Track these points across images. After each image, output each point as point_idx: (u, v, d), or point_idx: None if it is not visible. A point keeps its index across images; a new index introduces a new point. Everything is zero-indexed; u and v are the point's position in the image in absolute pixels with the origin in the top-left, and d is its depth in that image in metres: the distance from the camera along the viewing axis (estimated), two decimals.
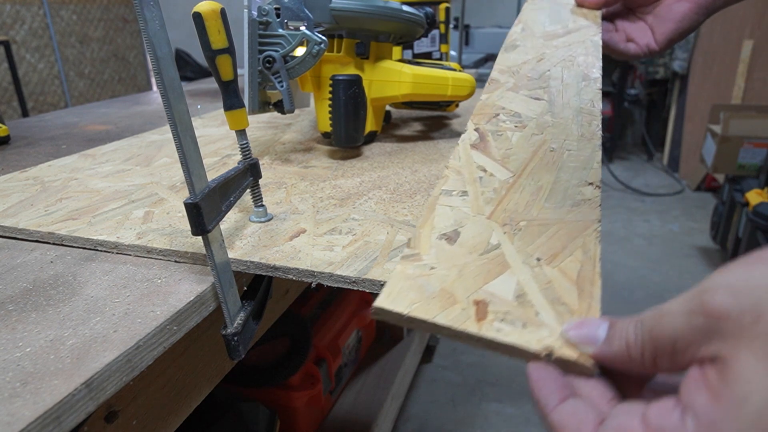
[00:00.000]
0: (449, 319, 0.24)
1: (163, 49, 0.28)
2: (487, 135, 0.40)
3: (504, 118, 0.42)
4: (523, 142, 0.39)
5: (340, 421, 1.05)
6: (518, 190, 0.34)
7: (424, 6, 0.76)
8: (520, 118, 0.42)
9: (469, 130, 0.41)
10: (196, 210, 0.30)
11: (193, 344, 0.37)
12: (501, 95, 0.45)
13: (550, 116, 0.42)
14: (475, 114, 0.43)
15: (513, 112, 0.43)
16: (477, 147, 0.39)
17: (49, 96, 3.90)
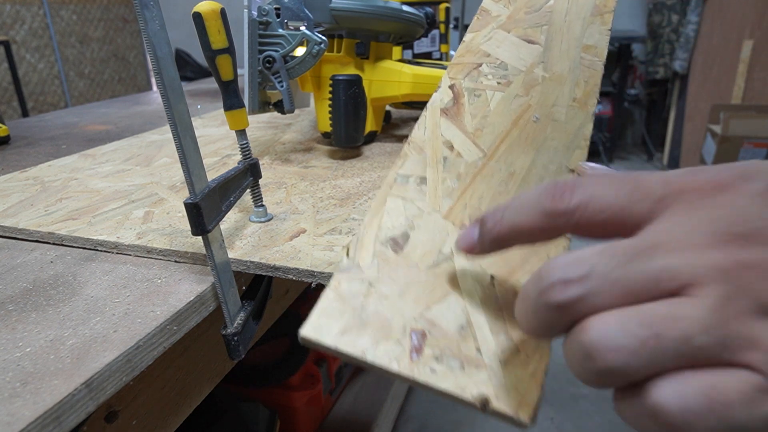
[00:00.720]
0: (380, 355, 0.21)
1: (163, 49, 0.28)
2: (462, 96, 0.34)
3: (487, 71, 0.36)
4: (503, 107, 0.34)
5: (340, 421, 1.05)
6: (486, 178, 0.30)
7: (424, 6, 0.76)
8: (506, 70, 0.36)
9: (443, 87, 0.35)
10: (196, 210, 0.30)
11: (193, 344, 0.37)
12: (488, 35, 0.38)
13: (542, 69, 0.36)
14: (455, 63, 0.37)
15: (499, 62, 0.36)
16: (448, 113, 0.33)
17: (49, 96, 3.90)
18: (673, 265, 0.18)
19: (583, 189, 0.21)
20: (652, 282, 0.18)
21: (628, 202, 0.20)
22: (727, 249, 0.18)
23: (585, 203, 0.21)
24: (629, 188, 0.21)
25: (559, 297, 0.19)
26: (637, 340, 0.17)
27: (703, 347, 0.17)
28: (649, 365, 0.17)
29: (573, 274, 0.19)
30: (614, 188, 0.21)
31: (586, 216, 0.21)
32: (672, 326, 0.17)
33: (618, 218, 0.20)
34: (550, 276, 0.19)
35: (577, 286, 0.19)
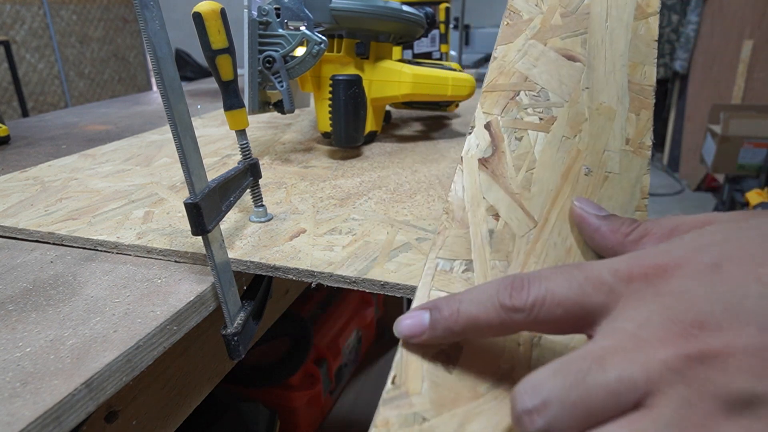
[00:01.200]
0: None
1: (163, 49, 0.28)
2: (501, 139, 0.29)
3: (526, 102, 0.30)
4: (550, 154, 0.28)
5: (340, 421, 1.05)
6: (540, 257, 0.25)
7: (424, 6, 0.76)
8: (548, 100, 0.30)
9: (478, 127, 0.30)
10: (196, 210, 0.30)
11: (193, 344, 0.37)
12: (523, 49, 0.33)
13: (587, 97, 0.31)
14: (488, 90, 0.31)
15: (539, 89, 0.31)
16: (488, 165, 0.28)
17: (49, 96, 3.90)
18: (629, 374, 0.18)
19: (537, 283, 0.21)
20: (611, 398, 0.18)
21: (581, 296, 0.20)
22: (678, 343, 0.18)
23: (542, 298, 0.21)
24: (580, 281, 0.21)
25: (529, 429, 0.19)
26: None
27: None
28: None
29: (531, 404, 0.19)
30: (567, 282, 0.21)
31: (543, 312, 0.21)
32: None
33: (574, 313, 0.21)
34: (515, 406, 0.19)
35: (539, 417, 0.18)
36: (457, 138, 0.68)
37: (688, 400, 0.17)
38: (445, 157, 0.58)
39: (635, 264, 0.21)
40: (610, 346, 0.19)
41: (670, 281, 0.19)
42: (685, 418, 0.17)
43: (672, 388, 0.17)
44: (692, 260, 0.20)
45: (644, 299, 0.19)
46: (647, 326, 0.19)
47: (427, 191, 0.47)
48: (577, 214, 0.28)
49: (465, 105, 0.89)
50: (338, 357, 1.05)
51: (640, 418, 0.17)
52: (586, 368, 0.18)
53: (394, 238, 0.38)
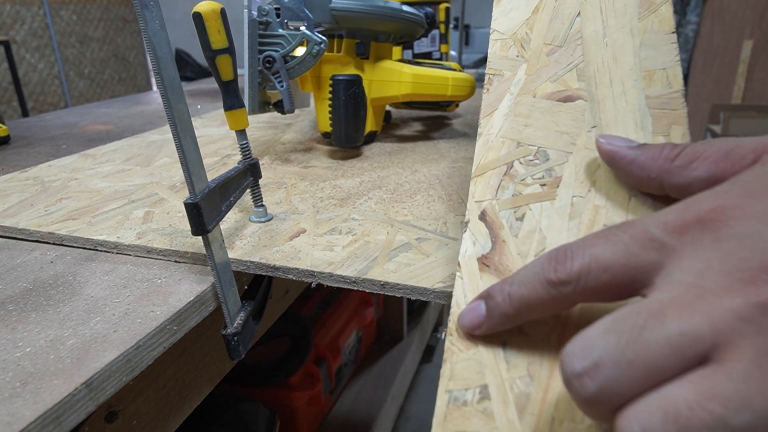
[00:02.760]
0: None
1: (163, 49, 0.28)
2: (500, 227, 0.25)
3: (522, 172, 0.26)
4: (560, 226, 0.24)
5: (340, 421, 1.05)
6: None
7: (424, 6, 0.76)
8: (548, 160, 0.26)
9: (472, 222, 0.26)
10: (196, 210, 0.30)
11: (193, 344, 0.37)
12: (510, 112, 0.29)
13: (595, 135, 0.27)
14: (477, 174, 0.27)
15: (535, 150, 0.27)
16: (489, 264, 0.24)
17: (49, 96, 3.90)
18: (692, 326, 0.16)
19: (581, 251, 0.20)
20: (672, 353, 0.16)
21: (628, 257, 0.19)
22: (747, 291, 0.16)
23: (587, 266, 0.19)
24: (626, 240, 0.19)
25: (580, 395, 0.17)
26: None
27: (747, 427, 0.14)
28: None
29: (581, 366, 0.17)
30: (611, 245, 0.19)
31: (590, 280, 0.19)
32: (700, 412, 0.14)
33: (623, 276, 0.19)
34: (564, 369, 0.17)
35: (590, 380, 0.17)
36: (457, 138, 0.68)
37: (764, 350, 0.15)
38: (445, 157, 0.58)
39: (687, 211, 0.18)
40: (668, 299, 0.17)
41: (731, 224, 0.17)
42: (760, 371, 0.14)
43: (745, 339, 0.15)
44: (755, 199, 0.17)
45: (702, 247, 0.17)
46: (708, 275, 0.16)
47: (427, 191, 0.47)
48: (606, 151, 0.25)
49: (465, 105, 0.89)
50: (338, 357, 1.05)
51: (711, 374, 0.15)
52: (642, 323, 0.16)
53: (394, 238, 0.38)
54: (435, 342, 1.56)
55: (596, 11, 0.30)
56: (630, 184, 0.25)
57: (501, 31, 0.32)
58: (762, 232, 0.16)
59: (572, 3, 0.32)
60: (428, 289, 0.31)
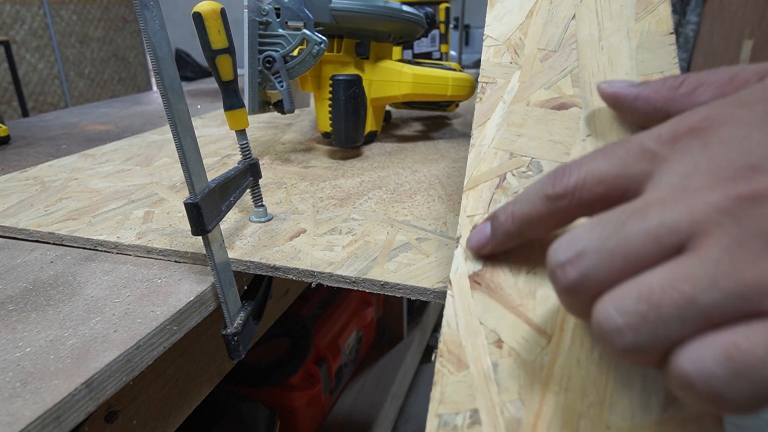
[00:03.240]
0: None
1: (163, 49, 0.28)
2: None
3: (515, 185, 0.26)
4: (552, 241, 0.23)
5: (340, 421, 1.05)
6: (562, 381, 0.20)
7: (424, 6, 0.77)
8: (541, 171, 0.26)
9: (464, 237, 0.25)
10: (196, 210, 0.30)
11: (193, 344, 0.37)
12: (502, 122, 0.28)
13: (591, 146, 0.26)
14: (469, 187, 0.27)
15: (528, 161, 0.26)
16: (480, 281, 0.23)
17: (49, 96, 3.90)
18: (671, 219, 0.16)
19: (578, 166, 0.21)
20: (650, 242, 0.16)
21: (622, 168, 0.19)
22: (728, 186, 0.16)
23: (582, 179, 0.20)
24: (621, 153, 0.20)
25: (561, 283, 0.18)
26: (636, 317, 0.16)
27: (712, 305, 0.15)
28: (659, 339, 0.16)
29: (566, 256, 0.18)
30: (606, 158, 0.20)
31: (585, 193, 0.20)
32: (671, 292, 0.16)
33: (617, 186, 0.19)
34: (549, 262, 0.18)
35: (572, 268, 0.18)
36: (457, 138, 0.68)
37: (737, 238, 0.15)
38: (445, 157, 0.58)
39: (680, 122, 0.19)
40: (654, 198, 0.17)
41: (720, 130, 0.18)
42: (736, 257, 0.15)
43: (720, 228, 0.16)
44: (748, 108, 0.18)
45: (691, 152, 0.18)
46: (694, 175, 0.17)
47: (427, 191, 0.47)
48: (610, 94, 0.25)
49: (465, 105, 0.89)
50: (338, 357, 1.05)
51: (684, 260, 0.16)
52: (626, 218, 0.17)
53: (394, 238, 0.38)
54: (435, 342, 1.56)
55: (591, 13, 0.30)
56: (636, 122, 0.25)
57: (494, 36, 0.32)
58: (749, 135, 0.17)
59: (567, 5, 0.31)
60: (428, 289, 0.31)
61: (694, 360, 0.15)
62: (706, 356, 0.15)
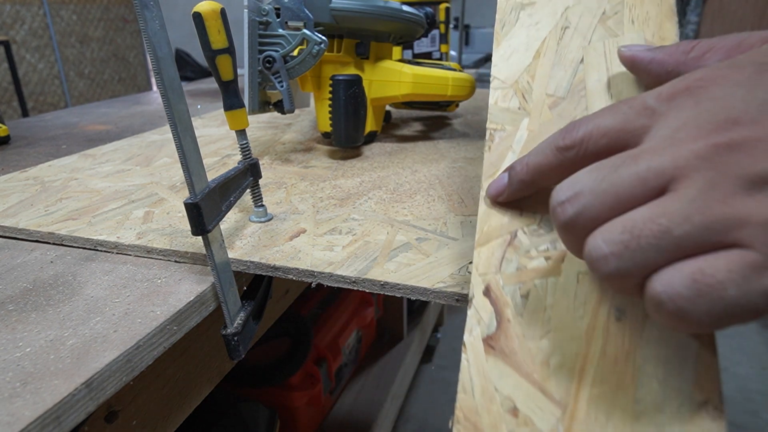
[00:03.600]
0: None
1: (163, 49, 0.28)
2: (505, 305, 0.24)
3: (526, 243, 0.25)
4: (566, 306, 0.23)
5: (340, 421, 1.05)
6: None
7: (424, 6, 0.77)
8: (552, 230, 0.26)
9: (477, 297, 0.24)
10: (196, 210, 0.30)
11: (193, 344, 0.37)
12: None
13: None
14: (481, 242, 0.26)
15: (538, 219, 0.26)
16: (494, 345, 0.23)
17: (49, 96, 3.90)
18: (657, 163, 0.19)
19: (586, 122, 0.23)
20: (638, 184, 0.19)
21: (624, 123, 0.22)
22: (708, 136, 0.18)
23: (589, 133, 0.22)
24: (625, 109, 0.22)
25: (560, 219, 0.20)
26: (619, 246, 0.18)
27: (684, 236, 0.17)
28: (638, 264, 0.18)
29: (565, 195, 0.20)
30: (612, 114, 0.22)
31: (591, 145, 0.22)
32: (650, 224, 0.18)
33: (619, 139, 0.22)
34: (552, 202, 0.21)
35: (570, 205, 0.20)
36: (457, 138, 0.68)
37: (711, 181, 0.18)
38: (445, 157, 0.58)
39: (679, 82, 0.21)
40: (646, 147, 0.20)
41: (711, 89, 0.20)
42: (708, 196, 0.17)
43: (698, 172, 0.18)
44: (738, 69, 0.20)
45: (684, 108, 0.20)
46: (683, 128, 0.19)
47: (427, 191, 0.47)
48: (627, 57, 0.28)
49: (465, 105, 0.89)
50: (338, 357, 1.05)
51: (665, 199, 0.18)
52: (620, 163, 0.20)
53: (394, 238, 0.38)
54: (435, 342, 1.56)
55: (600, 57, 0.30)
56: (652, 84, 0.27)
57: (501, 78, 0.31)
58: (734, 92, 0.19)
59: (575, 47, 0.31)
60: (428, 289, 0.31)
61: (665, 282, 0.18)
62: (675, 279, 0.17)
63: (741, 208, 0.17)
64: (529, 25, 0.33)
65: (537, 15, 0.33)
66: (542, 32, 0.32)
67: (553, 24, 0.32)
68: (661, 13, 0.31)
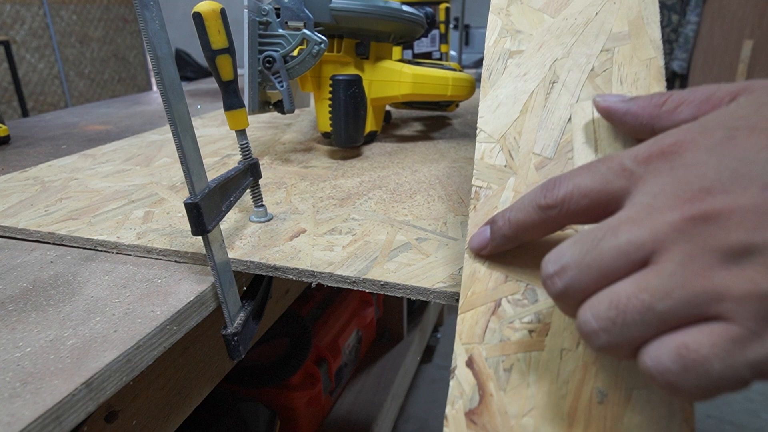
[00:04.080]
0: None
1: (163, 49, 0.28)
2: (488, 379, 0.24)
3: (511, 313, 0.25)
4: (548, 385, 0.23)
5: (340, 421, 1.05)
6: None
7: (424, 6, 0.76)
8: (537, 300, 0.25)
9: (459, 368, 0.24)
10: (196, 210, 0.30)
11: (193, 344, 0.37)
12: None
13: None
14: (465, 308, 0.26)
15: (523, 288, 0.26)
16: (476, 420, 0.23)
17: (49, 96, 3.90)
18: (637, 236, 0.19)
19: (566, 180, 0.23)
20: (620, 257, 0.19)
21: (604, 184, 0.22)
22: (684, 207, 0.19)
23: (570, 193, 0.23)
24: (603, 170, 0.22)
25: (551, 291, 0.21)
26: (607, 321, 0.19)
27: (667, 311, 0.18)
28: (626, 339, 0.19)
29: (553, 269, 0.21)
30: (591, 175, 0.23)
31: (572, 205, 0.23)
32: (634, 300, 0.19)
33: (599, 201, 0.22)
34: (542, 274, 0.22)
35: (558, 279, 0.21)
36: (457, 138, 0.68)
37: (689, 254, 0.18)
38: (445, 157, 0.58)
39: (654, 145, 0.21)
40: (626, 216, 0.20)
41: (684, 155, 0.20)
42: (687, 270, 0.18)
43: (676, 245, 0.18)
44: (709, 134, 0.20)
45: (660, 174, 0.21)
46: (660, 196, 0.20)
47: (427, 191, 0.47)
48: (604, 108, 0.28)
49: (465, 105, 0.89)
50: (338, 357, 1.05)
51: (646, 273, 0.19)
52: (601, 236, 0.20)
53: (394, 238, 0.38)
54: (435, 342, 1.56)
55: (587, 117, 0.30)
56: (627, 134, 0.28)
57: (488, 132, 0.31)
58: (706, 160, 0.20)
59: (563, 104, 0.30)
60: (428, 289, 0.31)
61: (653, 357, 0.18)
62: (662, 354, 0.18)
63: (719, 282, 0.17)
64: (516, 76, 0.33)
65: (525, 65, 0.33)
66: (530, 85, 0.32)
67: (541, 77, 0.32)
68: (650, 75, 0.30)
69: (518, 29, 0.34)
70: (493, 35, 0.35)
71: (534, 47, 0.33)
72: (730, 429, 1.28)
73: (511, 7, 0.36)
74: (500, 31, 0.35)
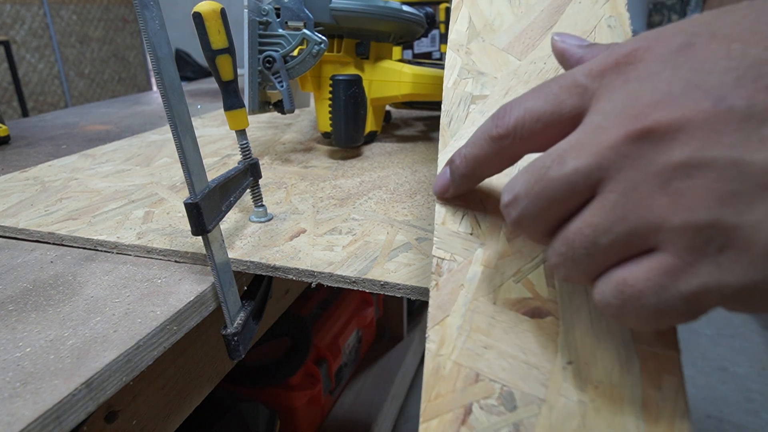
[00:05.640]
0: None
1: (163, 49, 0.28)
2: None
3: (484, 422, 0.20)
4: None
5: (340, 421, 1.05)
6: None
7: (424, 6, 0.76)
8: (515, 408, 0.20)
9: None
10: (196, 210, 0.30)
11: (193, 344, 0.37)
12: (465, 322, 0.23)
13: (572, 378, 0.21)
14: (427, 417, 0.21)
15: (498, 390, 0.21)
16: None
17: (49, 96, 3.90)
18: (582, 164, 0.18)
19: (516, 107, 0.22)
20: (568, 188, 0.19)
21: (556, 105, 0.20)
22: (627, 125, 0.17)
23: (521, 118, 0.21)
24: (555, 91, 0.21)
25: (508, 221, 0.21)
26: (562, 257, 0.19)
27: (609, 246, 0.18)
28: (580, 273, 0.19)
29: (506, 198, 0.21)
30: (542, 96, 0.21)
31: (526, 131, 0.21)
32: (580, 236, 0.19)
33: (553, 123, 0.21)
34: (500, 203, 0.22)
35: (512, 208, 0.21)
36: None
37: (632, 181, 0.17)
38: None
39: (609, 56, 0.20)
40: (575, 140, 0.19)
41: (638, 66, 0.19)
42: (629, 199, 0.17)
43: (620, 172, 0.18)
44: (664, 41, 0.18)
45: (614, 89, 0.19)
46: (610, 114, 0.18)
47: (427, 191, 0.47)
48: (559, 48, 0.26)
49: None
50: (338, 357, 1.05)
51: (592, 206, 0.18)
52: (549, 163, 0.19)
53: (394, 238, 0.38)
54: None
55: None
56: None
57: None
58: (660, 72, 0.18)
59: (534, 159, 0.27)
60: (428, 289, 0.31)
61: (599, 292, 0.19)
62: (606, 290, 0.18)
63: (657, 212, 0.17)
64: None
65: (490, 113, 0.25)
66: None
67: None
68: None
69: (481, 71, 0.31)
70: (452, 75, 0.31)
71: (500, 93, 0.30)
72: (730, 429, 1.28)
73: (472, 45, 0.32)
74: (460, 71, 0.31)
